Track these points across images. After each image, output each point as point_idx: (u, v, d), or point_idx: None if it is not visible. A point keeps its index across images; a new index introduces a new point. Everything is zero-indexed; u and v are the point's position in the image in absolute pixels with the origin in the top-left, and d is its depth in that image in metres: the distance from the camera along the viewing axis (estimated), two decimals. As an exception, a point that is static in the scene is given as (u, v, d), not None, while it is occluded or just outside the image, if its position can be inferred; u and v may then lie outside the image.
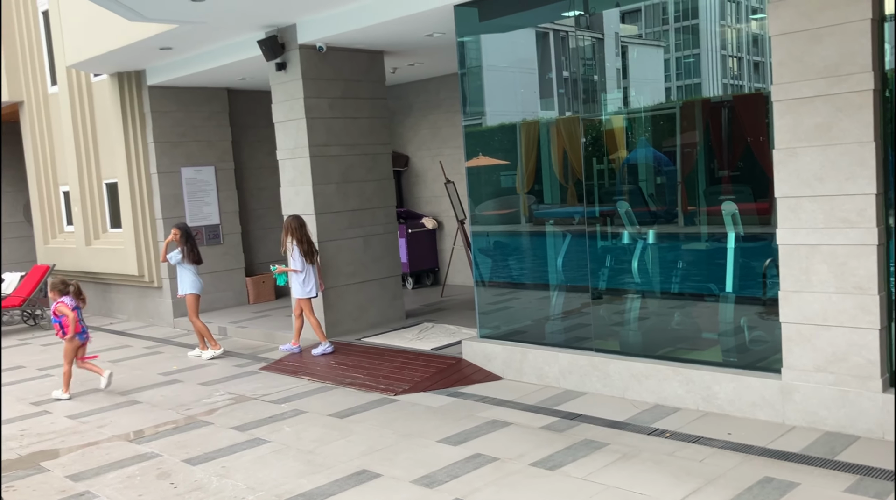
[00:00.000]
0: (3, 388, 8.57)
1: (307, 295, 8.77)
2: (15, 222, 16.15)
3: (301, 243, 8.65)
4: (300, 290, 8.76)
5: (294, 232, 8.68)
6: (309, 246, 8.72)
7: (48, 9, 12.83)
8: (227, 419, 6.82)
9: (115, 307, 12.97)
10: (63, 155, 13.34)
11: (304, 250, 8.66)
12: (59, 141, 13.44)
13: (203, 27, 8.91)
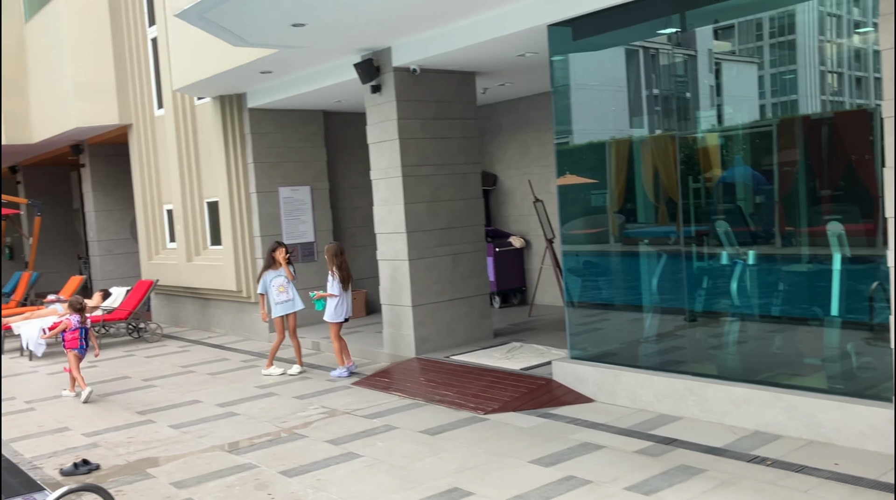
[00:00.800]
0: (110, 397, 9.00)
1: (338, 319, 9.21)
2: (122, 239, 16.98)
3: (340, 270, 9.15)
4: (333, 314, 9.21)
5: (334, 260, 9.18)
6: (347, 273, 9.23)
7: (157, 36, 13.53)
8: (322, 432, 6.96)
9: (213, 321, 13.45)
10: (167, 175, 13.98)
11: (342, 277, 9.15)
12: (164, 162, 14.10)
13: (302, 51, 9.23)
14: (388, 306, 9.79)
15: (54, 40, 14.96)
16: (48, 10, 15.14)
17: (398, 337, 9.67)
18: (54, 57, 15.05)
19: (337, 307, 9.21)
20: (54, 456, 6.79)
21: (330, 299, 9.21)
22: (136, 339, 13.12)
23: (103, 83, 14.43)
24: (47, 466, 6.52)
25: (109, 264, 16.87)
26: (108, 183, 16.88)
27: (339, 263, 9.22)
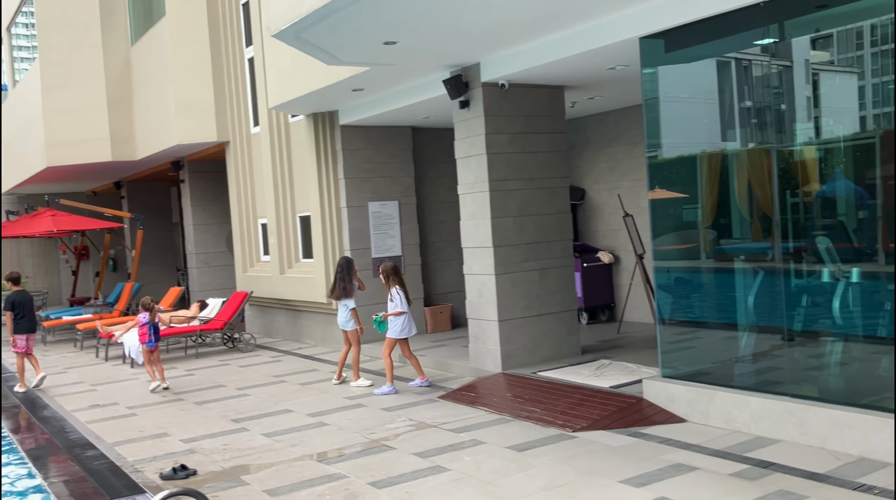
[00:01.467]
0: (207, 405, 9.31)
1: (402, 336, 9.29)
2: (218, 252, 17.61)
3: (403, 287, 9.32)
4: (398, 330, 9.26)
5: (393, 277, 9.32)
6: (406, 290, 9.39)
7: (253, 56, 14.03)
8: (409, 445, 7.02)
9: (304, 333, 13.76)
10: (262, 190, 14.44)
11: (406, 294, 9.32)
12: (259, 177, 14.57)
13: (393, 69, 9.40)
14: (474, 321, 9.81)
15: (158, 62, 15.71)
16: (153, 33, 15.91)
17: (484, 352, 9.67)
18: (158, 77, 15.79)
19: (406, 324, 9.28)
20: (154, 460, 7.06)
21: (397, 317, 9.26)
22: (230, 348, 13.54)
23: (203, 102, 15.04)
24: (148, 470, 6.79)
25: (206, 276, 17.51)
26: (205, 198, 17.55)
27: (399, 280, 9.36)
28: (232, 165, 15.36)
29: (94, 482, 6.52)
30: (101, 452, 7.42)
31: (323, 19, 7.24)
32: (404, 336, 9.35)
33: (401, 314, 9.27)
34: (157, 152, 16.31)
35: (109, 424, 8.59)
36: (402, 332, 9.30)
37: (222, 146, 15.63)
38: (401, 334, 9.31)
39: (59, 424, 8.74)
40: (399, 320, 9.28)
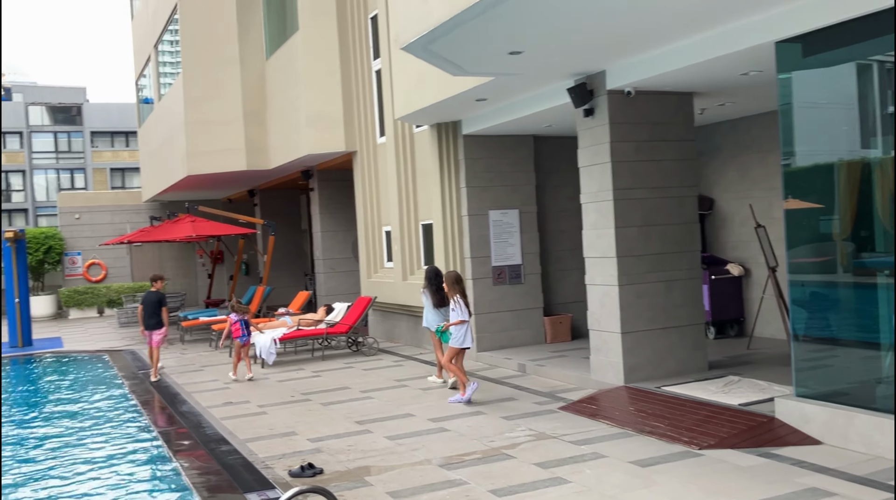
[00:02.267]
0: (332, 406, 9.61)
1: (463, 345, 9.33)
2: (344, 258, 18.17)
3: (464, 297, 9.40)
4: (458, 340, 9.32)
5: (455, 287, 9.40)
6: (467, 299, 9.47)
7: (381, 68, 14.42)
8: (529, 454, 6.99)
9: (425, 339, 13.96)
10: (387, 198, 14.80)
11: (467, 303, 9.40)
12: (385, 186, 14.94)
13: (516, 78, 9.43)
14: (596, 332, 9.67)
15: (290, 75, 16.41)
16: (286, 47, 16.65)
17: (606, 364, 9.52)
18: (290, 90, 16.50)
19: (466, 333, 9.33)
20: (283, 458, 7.35)
21: (459, 326, 9.33)
22: (354, 352, 13.93)
23: (332, 113, 15.59)
24: (277, 466, 7.08)
25: (332, 281, 18.10)
26: (333, 206, 18.16)
27: (461, 290, 9.44)
28: (358, 175, 15.82)
29: (228, 475, 6.87)
30: (234, 447, 7.80)
31: (451, 31, 7.36)
32: (467, 346, 9.40)
33: (462, 323, 9.33)
34: (289, 162, 17.02)
35: (242, 421, 9.02)
36: (462, 341, 9.35)
37: (350, 156, 16.13)
38: (462, 343, 9.35)
39: (196, 419, 9.25)
40: (460, 330, 9.34)
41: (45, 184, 56.39)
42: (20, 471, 7.81)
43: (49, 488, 7.19)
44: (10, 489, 7.20)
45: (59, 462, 8.07)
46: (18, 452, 8.62)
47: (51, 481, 7.42)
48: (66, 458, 8.24)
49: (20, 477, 7.60)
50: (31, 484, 7.35)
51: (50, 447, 8.79)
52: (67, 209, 27.69)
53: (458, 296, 9.39)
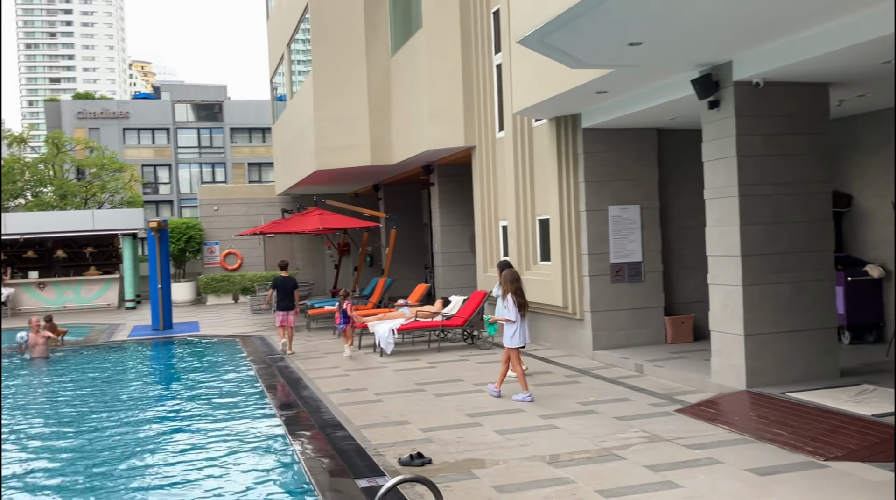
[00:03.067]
0: (445, 397, 9.72)
1: (515, 345, 9.32)
2: (462, 252, 18.31)
3: (516, 296, 9.26)
4: (509, 339, 9.33)
5: (510, 285, 9.33)
6: (523, 299, 9.36)
7: (501, 63, 14.42)
8: (640, 456, 6.83)
9: (540, 335, 13.89)
10: (504, 193, 14.79)
11: (520, 304, 9.28)
12: (502, 181, 14.94)
13: (637, 70, 9.19)
14: (718, 334, 9.30)
15: (413, 71, 16.68)
16: (410, 44, 16.93)
17: (727, 367, 9.14)
18: (413, 86, 16.78)
19: (515, 333, 9.30)
20: (395, 446, 7.51)
21: (508, 326, 9.34)
22: (469, 345, 14.02)
23: (452, 109, 15.73)
24: (388, 454, 7.24)
25: (450, 275, 18.28)
26: (452, 200, 18.34)
27: (515, 289, 9.34)
28: (477, 169, 15.89)
29: (341, 460, 7.08)
30: (348, 433, 8.04)
31: (566, 23, 7.26)
32: (514, 346, 9.36)
33: (510, 323, 9.32)
34: (410, 157, 17.32)
35: (358, 408, 9.28)
36: (511, 340, 9.35)
37: (469, 151, 16.23)
38: (511, 342, 9.36)
39: (316, 404, 9.59)
40: (509, 330, 9.36)
41: (189, 177, 59.93)
42: (158, 438, 8.37)
43: (179, 453, 7.67)
44: (148, 452, 7.73)
45: (188, 436, 8.59)
46: (155, 424, 9.23)
47: (181, 451, 7.90)
48: (196, 431, 8.75)
49: (158, 443, 8.15)
50: (164, 451, 7.85)
51: (183, 421, 9.37)
52: (207, 201, 29.34)
53: (511, 295, 9.35)
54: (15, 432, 9.22)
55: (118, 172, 32.37)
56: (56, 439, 8.92)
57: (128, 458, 7.92)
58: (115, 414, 10.08)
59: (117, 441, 8.59)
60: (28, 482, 7.22)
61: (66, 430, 9.30)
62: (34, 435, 9.13)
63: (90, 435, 8.95)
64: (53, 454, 8.26)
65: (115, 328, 19.73)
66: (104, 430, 9.16)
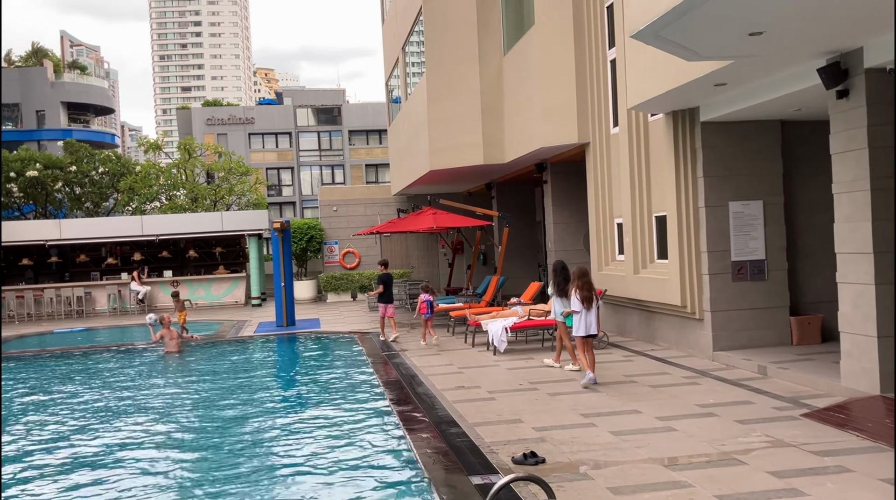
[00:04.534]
0: (558, 396, 9.67)
1: (579, 333, 10.29)
2: (576, 250, 18.11)
3: (581, 291, 10.22)
4: (575, 328, 10.37)
5: (578, 280, 10.31)
6: (589, 292, 10.26)
7: (615, 57, 14.18)
8: (763, 461, 6.58)
9: (657, 335, 13.58)
10: (619, 190, 14.53)
11: (584, 297, 10.22)
12: (617, 177, 14.68)
13: (758, 60, 8.84)
14: (848, 335, 8.83)
15: (526, 69, 16.64)
16: (523, 42, 16.90)
17: (858, 370, 8.66)
18: (525, 84, 16.74)
19: (580, 322, 10.23)
20: (508, 444, 7.55)
21: (577, 317, 10.31)
22: (584, 345, 13.86)
23: (565, 105, 15.59)
24: (501, 452, 7.29)
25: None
26: (565, 198, 18.18)
27: (582, 284, 10.27)
28: (591, 166, 15.69)
29: (455, 456, 7.19)
30: (462, 430, 8.14)
31: (682, 15, 7.08)
32: (580, 334, 10.25)
33: (574, 313, 10.32)
34: (523, 155, 17.29)
35: (472, 405, 9.37)
36: (577, 330, 10.29)
37: (582, 148, 16.05)
38: (577, 331, 10.29)
39: (431, 401, 9.76)
40: (576, 320, 10.32)
41: (310, 179, 62.05)
42: (279, 430, 8.75)
43: (298, 445, 7.99)
44: (275, 439, 8.10)
45: (308, 428, 8.93)
46: (279, 418, 9.66)
47: (300, 443, 8.23)
48: (315, 425, 9.09)
49: (278, 436, 8.53)
50: (283, 443, 8.21)
51: (303, 414, 9.75)
52: (327, 202, 30.31)
53: (577, 289, 10.28)
54: (162, 422, 9.86)
55: (244, 176, 33.89)
56: (187, 432, 9.48)
57: (252, 447, 8.32)
58: (240, 407, 10.60)
59: (245, 432, 9.05)
60: (176, 464, 7.73)
61: (194, 423, 9.87)
62: (176, 424, 9.73)
63: (216, 430, 9.45)
64: (193, 442, 8.78)
65: (242, 325, 20.70)
66: (229, 422, 9.66)
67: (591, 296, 10.27)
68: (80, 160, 30.42)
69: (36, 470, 7.89)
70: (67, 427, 9.76)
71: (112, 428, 9.60)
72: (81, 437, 9.23)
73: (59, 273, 27.71)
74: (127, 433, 9.26)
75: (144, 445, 8.70)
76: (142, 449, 8.51)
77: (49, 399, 11.73)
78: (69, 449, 8.67)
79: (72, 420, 10.16)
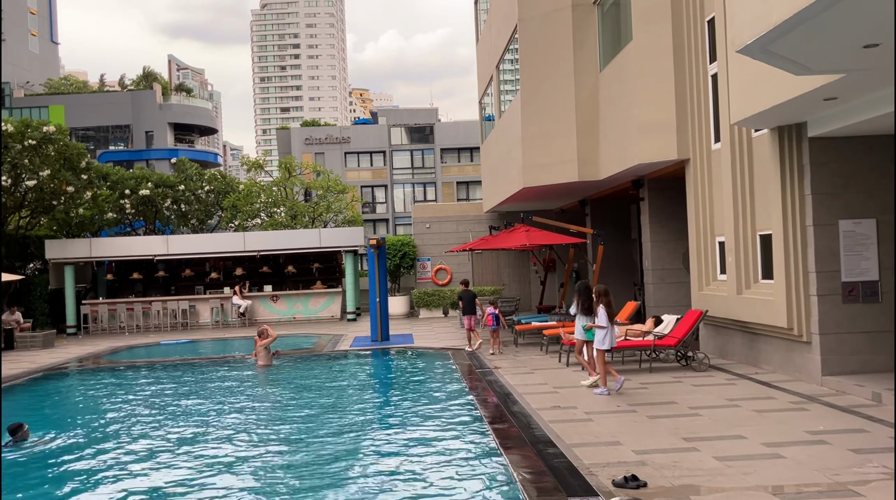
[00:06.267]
0: (657, 420, 9.45)
1: (602, 347, 11.26)
2: (674, 269, 17.71)
3: (608, 307, 11.29)
4: (599, 341, 11.29)
5: (602, 298, 11.34)
6: (611, 309, 11.39)
7: (717, 72, 13.85)
8: (881, 494, 6.24)
9: (761, 358, 13.09)
10: (721, 207, 14.13)
11: (611, 313, 11.33)
12: (719, 194, 14.29)
13: (872, 73, 8.46)
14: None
15: (622, 85, 16.45)
16: (619, 58, 16.73)
17: None
18: (621, 100, 16.54)
19: (605, 337, 11.21)
20: (607, 466, 7.42)
21: (598, 330, 11.26)
22: (683, 366, 13.51)
23: (664, 121, 15.31)
24: (601, 474, 7.17)
25: (661, 292, 17.74)
26: (663, 215, 17.81)
27: (607, 301, 11.28)
28: (691, 183, 15.33)
29: (553, 477, 7.11)
30: (560, 451, 8.05)
31: (792, 29, 6.86)
32: (605, 348, 11.25)
33: (602, 328, 11.25)
34: (619, 172, 17.06)
35: (568, 426, 9.26)
36: (602, 343, 11.24)
37: (682, 164, 15.71)
38: (601, 345, 11.25)
39: (526, 420, 9.70)
40: (600, 334, 11.26)
41: (403, 196, 62.95)
42: (373, 445, 8.87)
43: (394, 461, 8.07)
44: (369, 453, 8.22)
45: (403, 445, 9.01)
46: (374, 432, 9.79)
47: (396, 459, 8.31)
48: (411, 441, 9.16)
49: (373, 450, 8.64)
50: (378, 458, 8.30)
51: (399, 430, 9.85)
52: (419, 219, 30.69)
53: (602, 307, 11.26)
54: (250, 431, 10.17)
55: (341, 194, 34.70)
56: (280, 443, 9.73)
57: (348, 460, 8.46)
58: (337, 420, 10.80)
59: (339, 445, 9.21)
60: (273, 472, 7.95)
61: (292, 433, 10.11)
62: (268, 435, 10.01)
63: (310, 440, 9.66)
64: (289, 453, 9.02)
65: (338, 339, 21.12)
66: (324, 434, 9.85)
67: (613, 312, 11.45)
68: (188, 179, 31.82)
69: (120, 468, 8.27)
70: (166, 432, 10.18)
71: (223, 436, 9.95)
72: (185, 444, 9.60)
73: (165, 287, 29.01)
74: (235, 441, 9.58)
75: (249, 457, 8.98)
76: (247, 462, 8.79)
77: (149, 409, 12.28)
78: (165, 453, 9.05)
79: (175, 427, 10.59)
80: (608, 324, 11.23)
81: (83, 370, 17.44)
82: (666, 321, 14.12)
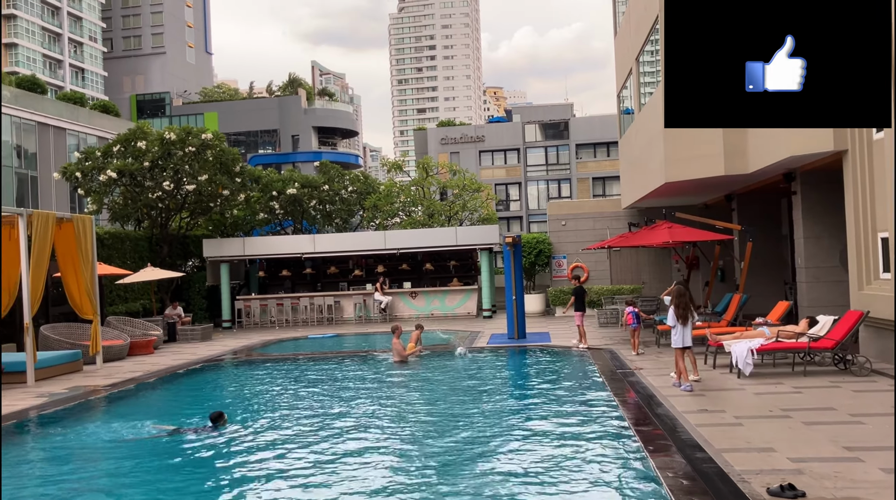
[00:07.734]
0: (814, 426, 8.94)
1: (676, 345, 11.76)
2: (830, 267, 16.66)
3: (677, 308, 11.74)
4: (673, 340, 11.87)
5: (676, 299, 11.79)
6: (684, 310, 11.71)
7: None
8: None
9: (931, 363, 12.11)
10: (884, 201, 13.17)
11: (679, 314, 11.73)
12: (881, 187, 13.32)
13: None
14: None
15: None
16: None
17: None
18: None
19: (675, 336, 11.78)
20: (761, 474, 7.10)
21: (673, 330, 11.82)
22: (841, 370, 12.70)
23: (818, 111, 14.42)
24: (754, 482, 6.86)
25: (816, 292, 16.74)
26: (817, 210, 16.80)
27: (678, 302, 11.73)
28: (849, 175, 14.37)
29: (703, 482, 6.88)
30: (708, 456, 7.77)
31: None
32: (677, 346, 11.70)
33: (669, 328, 12.06)
34: (769, 165, 16.25)
35: (717, 430, 8.93)
36: (675, 342, 11.79)
37: (839, 155, 14.76)
38: (674, 344, 11.80)
39: (671, 423, 9.43)
40: (673, 334, 11.84)
41: (537, 194, 62.66)
42: (519, 438, 8.90)
43: (535, 461, 8.07)
44: (510, 452, 8.26)
45: (544, 445, 8.98)
46: (515, 430, 9.83)
47: (537, 459, 8.30)
48: (554, 441, 9.13)
49: (518, 442, 8.67)
50: (519, 459, 8.32)
51: (540, 426, 9.84)
52: (555, 216, 30.45)
53: (673, 306, 11.79)
54: (389, 425, 10.45)
55: (476, 192, 34.99)
56: (411, 443, 9.93)
57: (485, 458, 8.53)
58: (476, 417, 10.91)
59: (478, 441, 9.31)
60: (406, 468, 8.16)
61: (427, 428, 10.31)
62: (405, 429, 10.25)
63: (450, 437, 9.81)
64: (424, 447, 9.21)
65: (475, 336, 21.32)
66: (463, 429, 9.98)
67: (686, 314, 11.69)
68: (331, 180, 33.08)
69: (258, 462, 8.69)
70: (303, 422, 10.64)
71: (362, 429, 10.31)
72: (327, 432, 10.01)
73: (312, 283, 30.31)
74: (369, 434, 9.90)
75: (383, 447, 9.25)
76: (381, 453, 9.05)
77: (286, 398, 12.85)
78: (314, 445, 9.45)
79: (331, 416, 11.05)
80: (675, 323, 11.75)
81: (238, 362, 18.53)
82: (822, 323, 13.31)
